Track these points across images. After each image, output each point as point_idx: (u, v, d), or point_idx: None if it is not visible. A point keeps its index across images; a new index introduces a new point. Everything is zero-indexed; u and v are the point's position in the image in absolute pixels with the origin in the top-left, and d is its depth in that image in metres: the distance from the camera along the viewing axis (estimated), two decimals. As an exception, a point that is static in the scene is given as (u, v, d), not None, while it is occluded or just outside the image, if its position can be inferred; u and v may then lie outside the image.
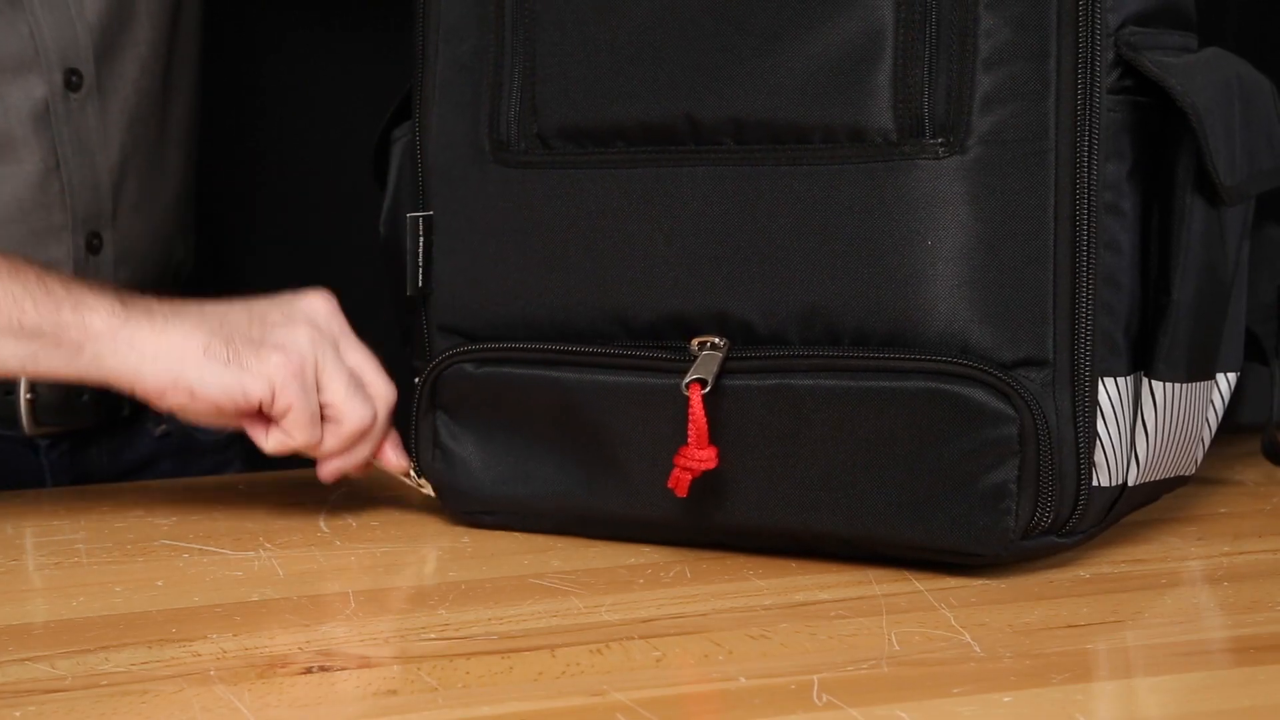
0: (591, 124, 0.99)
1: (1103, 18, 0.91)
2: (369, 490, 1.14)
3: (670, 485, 0.95)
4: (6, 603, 0.93)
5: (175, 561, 1.00)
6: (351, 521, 1.08)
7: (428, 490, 1.06)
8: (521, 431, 1.03)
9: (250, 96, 1.49)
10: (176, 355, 1.01)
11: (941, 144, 0.92)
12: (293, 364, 1.01)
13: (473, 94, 1.03)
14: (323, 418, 1.04)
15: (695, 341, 0.96)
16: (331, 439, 1.04)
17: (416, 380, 1.06)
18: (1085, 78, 0.91)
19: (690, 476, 0.95)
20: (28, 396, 1.22)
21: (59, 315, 1.01)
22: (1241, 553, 1.00)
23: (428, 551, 1.02)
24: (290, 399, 1.01)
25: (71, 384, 1.20)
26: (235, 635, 0.87)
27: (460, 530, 1.05)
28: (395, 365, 1.08)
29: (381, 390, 1.05)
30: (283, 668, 0.82)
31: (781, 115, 0.94)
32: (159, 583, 0.96)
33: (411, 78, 1.06)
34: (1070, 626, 0.87)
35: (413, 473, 1.07)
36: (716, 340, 0.95)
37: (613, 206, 0.99)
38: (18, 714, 0.77)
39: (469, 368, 1.03)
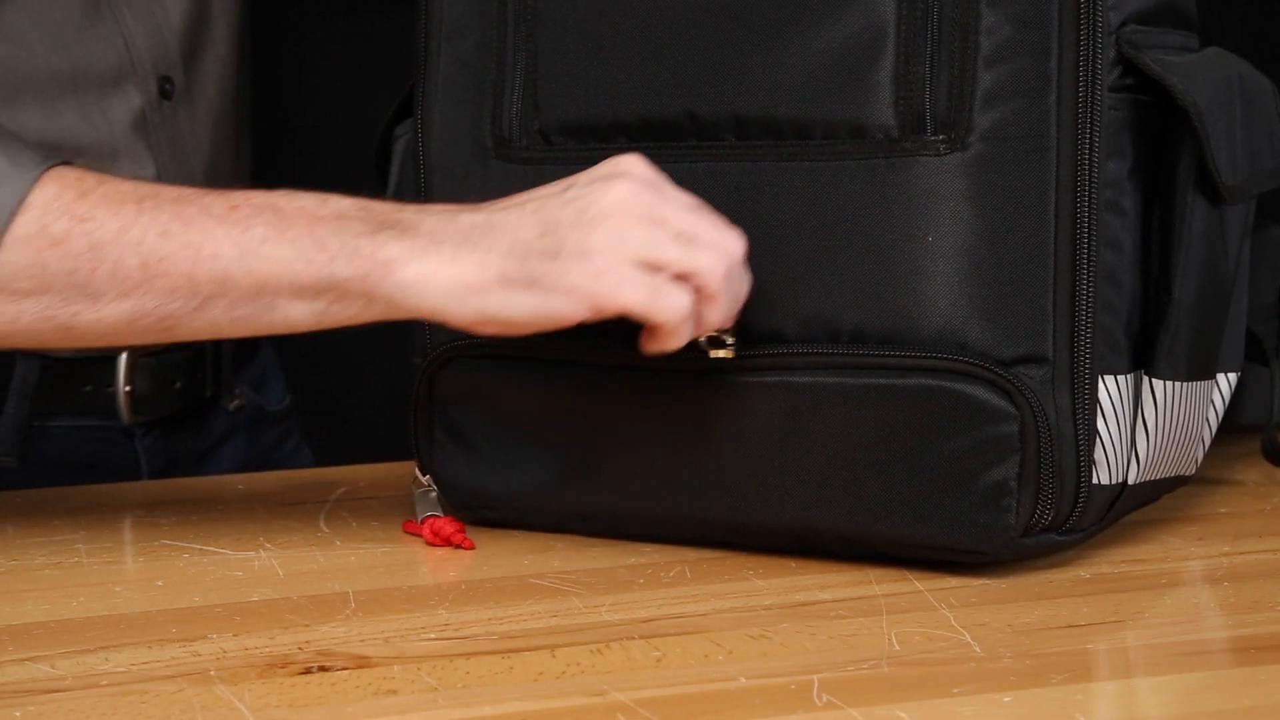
0: (593, 120, 0.99)
1: (1104, 15, 0.91)
2: (369, 490, 1.14)
3: None
4: (6, 603, 0.93)
5: (175, 561, 1.00)
6: (351, 521, 1.08)
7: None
8: (520, 425, 1.03)
9: (251, 95, 1.49)
10: (477, 289, 0.92)
11: (943, 140, 0.92)
12: (601, 265, 0.91)
13: (475, 90, 1.03)
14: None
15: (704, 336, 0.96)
16: (710, 309, 0.93)
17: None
18: (1087, 75, 0.91)
19: None
20: (126, 389, 1.23)
21: (334, 268, 0.93)
22: (1241, 553, 0.99)
23: (428, 551, 1.02)
24: (617, 300, 0.91)
25: (166, 374, 1.24)
26: (235, 635, 0.87)
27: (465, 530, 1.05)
28: (396, 363, 1.08)
29: (717, 241, 0.93)
30: (283, 668, 0.82)
31: (783, 111, 0.94)
32: (159, 583, 0.96)
33: (413, 74, 1.06)
34: (1070, 626, 0.87)
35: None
36: (727, 339, 0.95)
37: (614, 202, 0.99)
38: (18, 714, 0.77)
39: (468, 362, 1.03)
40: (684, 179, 0.95)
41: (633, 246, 0.91)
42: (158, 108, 1.21)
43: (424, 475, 1.07)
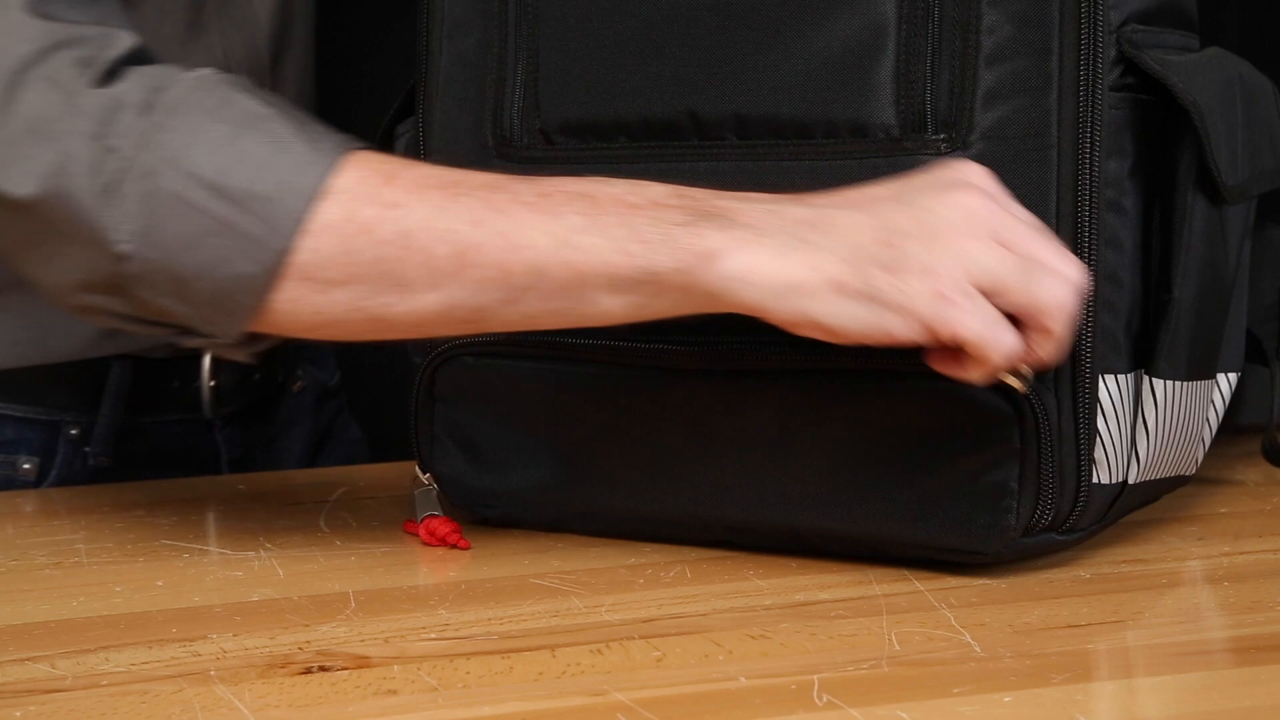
0: (594, 119, 0.99)
1: (1105, 15, 0.91)
2: (369, 490, 1.14)
3: None
4: (6, 603, 0.93)
5: (175, 561, 1.00)
6: (351, 521, 1.08)
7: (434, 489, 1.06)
8: (520, 423, 1.03)
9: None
10: (806, 290, 0.86)
11: (944, 139, 0.92)
12: (943, 287, 0.85)
13: (476, 89, 1.03)
14: (1018, 322, 0.88)
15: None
16: (1041, 343, 0.88)
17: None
18: (1087, 74, 0.91)
19: None
20: (211, 384, 1.25)
21: (653, 260, 0.88)
22: (1241, 553, 0.99)
23: (428, 551, 1.02)
24: (954, 329, 0.86)
25: (247, 367, 1.25)
26: (235, 635, 0.87)
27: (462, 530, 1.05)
28: (396, 361, 1.08)
29: (1062, 271, 0.88)
30: (283, 668, 0.82)
31: (784, 111, 0.94)
32: (159, 583, 0.96)
33: (415, 74, 1.06)
34: (1070, 626, 0.87)
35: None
36: (1024, 369, 0.94)
37: (615, 202, 0.99)
38: (18, 714, 0.77)
39: (467, 360, 1.03)
40: (685, 178, 0.95)
41: (978, 269, 0.86)
42: None
43: (424, 474, 1.07)
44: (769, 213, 0.88)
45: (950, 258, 0.86)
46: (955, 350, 0.87)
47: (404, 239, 0.89)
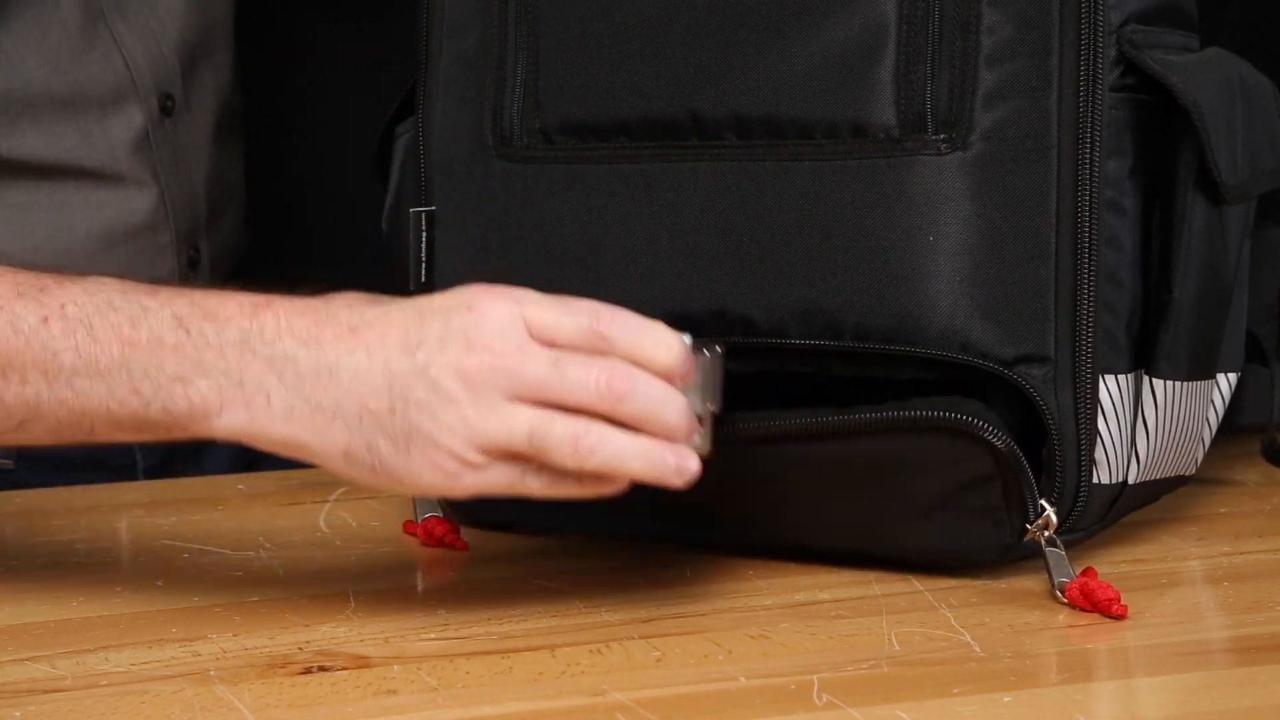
0: (594, 119, 0.99)
1: (1105, 15, 0.91)
2: (369, 490, 1.14)
3: None
4: (6, 603, 0.93)
5: (175, 561, 1.00)
6: (351, 521, 1.08)
7: None
8: None
9: (250, 94, 1.49)
10: (312, 453, 0.86)
11: (944, 140, 0.92)
12: (443, 462, 0.84)
13: (476, 89, 1.03)
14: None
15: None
16: (623, 450, 0.84)
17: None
18: (1087, 75, 0.91)
19: None
20: None
21: (149, 412, 0.87)
22: (1241, 553, 0.99)
23: (427, 552, 1.02)
24: (467, 493, 0.85)
25: None
26: (235, 635, 0.87)
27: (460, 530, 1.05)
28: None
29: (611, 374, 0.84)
30: (283, 668, 0.82)
31: (784, 111, 0.94)
32: (159, 583, 0.96)
33: (415, 73, 1.06)
34: (1070, 626, 0.87)
35: None
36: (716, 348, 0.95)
37: (615, 201, 0.99)
38: (18, 714, 0.77)
39: None
40: (685, 179, 0.95)
41: (485, 439, 0.83)
42: (159, 125, 1.21)
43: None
44: (276, 361, 0.85)
45: (453, 429, 0.83)
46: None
47: None
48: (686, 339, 0.85)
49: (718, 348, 0.85)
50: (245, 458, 1.31)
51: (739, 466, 0.96)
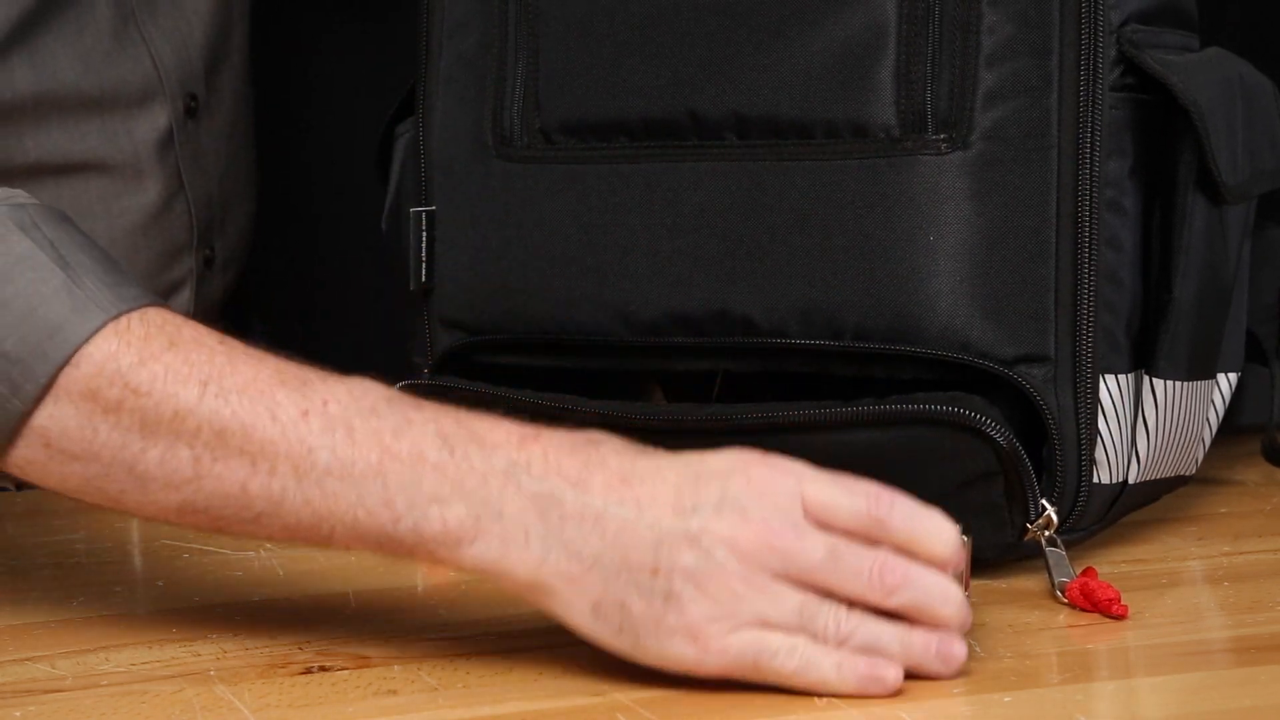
0: (594, 119, 0.99)
1: (1105, 15, 0.91)
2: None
3: None
4: (6, 603, 0.93)
5: (175, 561, 1.00)
6: (352, 520, 1.08)
7: None
8: None
9: (258, 93, 1.49)
10: (564, 605, 0.80)
11: (944, 140, 0.92)
12: (705, 650, 0.78)
13: (476, 88, 1.03)
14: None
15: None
16: (910, 644, 0.79)
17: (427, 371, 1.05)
18: (1088, 74, 0.91)
19: None
20: None
21: (398, 529, 0.81)
22: (1241, 553, 0.99)
23: (428, 550, 1.02)
24: (726, 660, 0.79)
25: None
26: (235, 635, 0.87)
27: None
28: (396, 360, 1.07)
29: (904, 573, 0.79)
30: (283, 668, 0.82)
31: (784, 111, 0.94)
32: (159, 583, 0.96)
33: (415, 73, 1.06)
34: (1070, 626, 0.87)
35: None
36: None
37: (615, 201, 0.99)
38: (18, 714, 0.77)
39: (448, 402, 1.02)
40: (685, 178, 0.95)
41: (756, 617, 0.78)
42: (183, 125, 1.21)
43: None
44: (541, 500, 0.80)
45: (718, 600, 0.78)
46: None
47: (147, 431, 0.83)
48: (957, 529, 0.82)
49: (965, 537, 0.82)
50: None
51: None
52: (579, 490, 0.79)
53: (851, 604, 0.79)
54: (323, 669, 0.82)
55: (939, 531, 0.80)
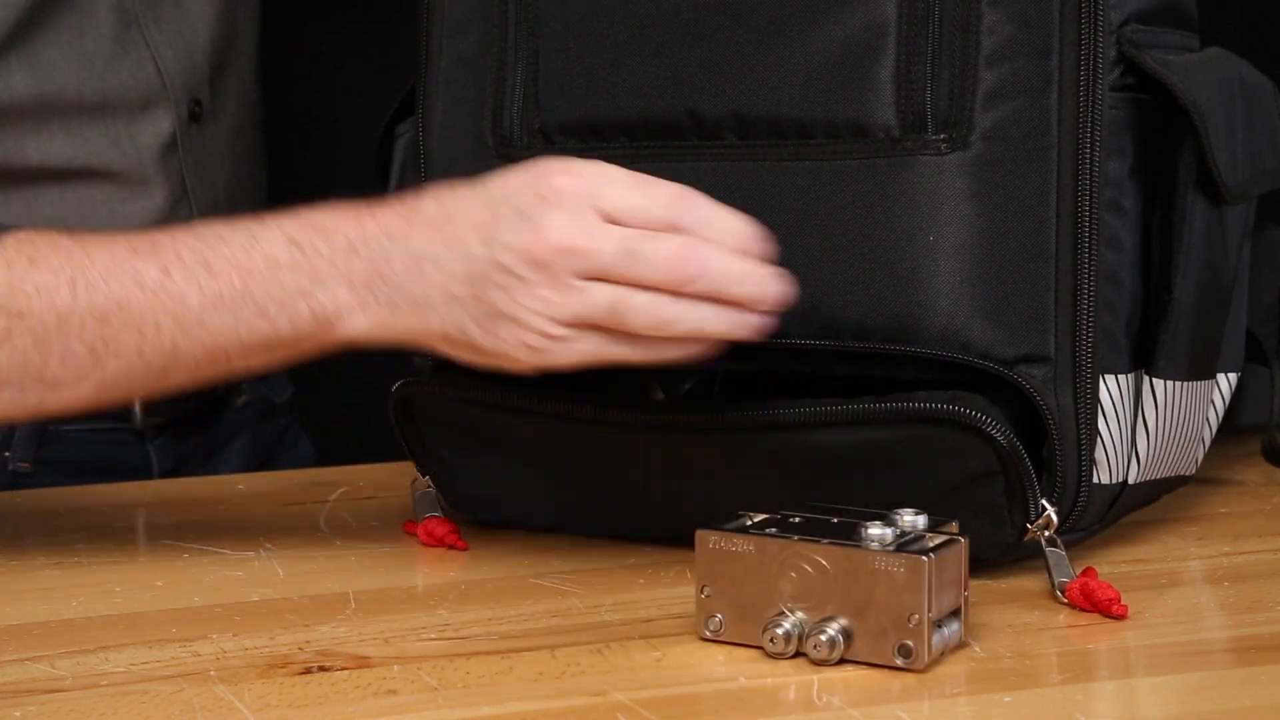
0: (594, 118, 0.99)
1: (1105, 15, 0.91)
2: (369, 490, 1.14)
3: None
4: (6, 603, 0.93)
5: (175, 561, 1.00)
6: (351, 521, 1.08)
7: None
8: (511, 442, 1.02)
9: (262, 103, 1.49)
10: (428, 343, 0.92)
11: (944, 140, 0.92)
12: (529, 339, 0.89)
13: (476, 88, 1.03)
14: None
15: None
16: (694, 313, 0.88)
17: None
18: (1088, 74, 0.91)
19: None
20: None
21: (277, 330, 0.92)
22: (1241, 553, 0.99)
23: (428, 552, 1.02)
24: (555, 366, 0.90)
25: None
26: (235, 635, 0.87)
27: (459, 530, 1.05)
28: (396, 360, 1.07)
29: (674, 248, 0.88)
30: (283, 668, 0.82)
31: (784, 111, 0.94)
32: (159, 583, 0.96)
33: (415, 73, 1.06)
34: (1070, 626, 0.87)
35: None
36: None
37: (615, 201, 0.99)
38: (18, 714, 0.77)
39: (449, 401, 1.03)
40: (685, 178, 0.95)
41: (563, 312, 0.88)
42: (187, 131, 1.21)
43: (424, 475, 1.06)
44: (378, 263, 0.91)
45: (531, 308, 0.88)
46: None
47: (40, 345, 0.92)
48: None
49: (961, 538, 0.84)
50: (257, 459, 1.32)
51: (742, 457, 0.96)
52: (401, 242, 0.90)
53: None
54: (323, 669, 0.82)
55: (736, 228, 0.89)
